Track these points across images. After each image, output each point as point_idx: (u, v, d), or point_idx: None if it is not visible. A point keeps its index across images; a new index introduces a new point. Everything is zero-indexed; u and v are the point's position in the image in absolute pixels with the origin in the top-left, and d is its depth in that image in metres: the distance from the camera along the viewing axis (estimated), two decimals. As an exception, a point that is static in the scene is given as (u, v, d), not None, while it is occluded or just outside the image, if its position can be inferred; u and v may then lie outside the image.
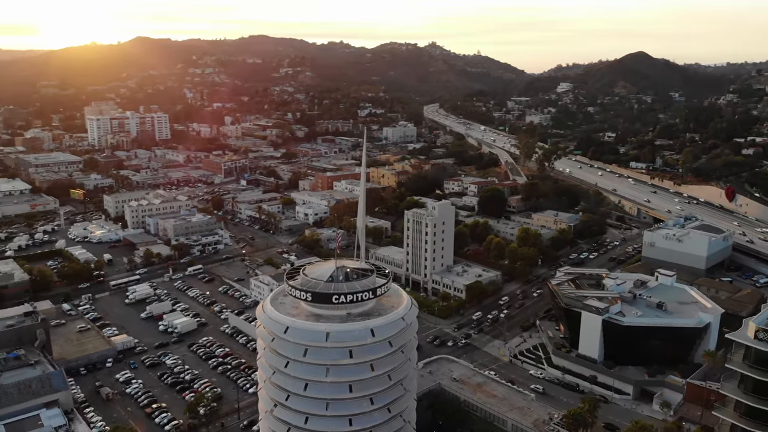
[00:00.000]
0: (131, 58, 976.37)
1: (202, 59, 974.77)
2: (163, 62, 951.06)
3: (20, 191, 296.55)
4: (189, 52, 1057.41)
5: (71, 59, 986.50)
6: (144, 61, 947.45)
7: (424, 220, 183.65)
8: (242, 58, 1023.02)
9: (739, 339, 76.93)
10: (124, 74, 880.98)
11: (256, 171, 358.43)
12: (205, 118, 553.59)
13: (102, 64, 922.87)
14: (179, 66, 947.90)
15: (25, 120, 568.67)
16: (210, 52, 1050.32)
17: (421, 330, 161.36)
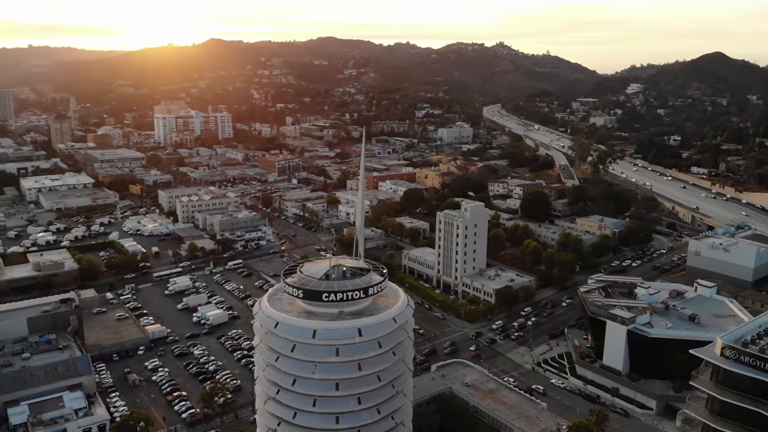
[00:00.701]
0: (204, 60, 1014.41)
1: (271, 61, 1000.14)
2: (233, 64, 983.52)
3: (84, 185, 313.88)
4: (259, 53, 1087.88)
5: (148, 60, 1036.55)
6: (216, 63, 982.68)
7: (455, 221, 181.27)
8: (309, 60, 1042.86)
9: (705, 356, 70.99)
10: (196, 75, 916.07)
11: (307, 170, 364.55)
12: (268, 118, 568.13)
13: (176, 65, 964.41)
14: (249, 67, 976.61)
15: (100, 118, 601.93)
16: (279, 54, 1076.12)
17: (446, 333, 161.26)
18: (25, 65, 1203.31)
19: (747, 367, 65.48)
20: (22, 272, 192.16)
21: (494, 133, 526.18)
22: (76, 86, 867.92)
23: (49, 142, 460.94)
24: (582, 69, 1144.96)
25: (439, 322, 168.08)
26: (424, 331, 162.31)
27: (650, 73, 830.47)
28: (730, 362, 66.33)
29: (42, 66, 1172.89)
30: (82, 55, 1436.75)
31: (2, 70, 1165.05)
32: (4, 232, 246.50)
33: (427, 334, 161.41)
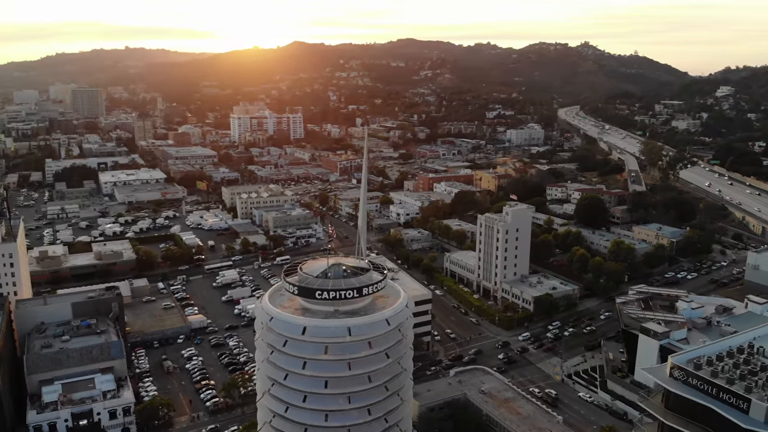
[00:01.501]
0: (287, 62, 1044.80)
1: (349, 63, 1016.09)
2: (313, 66, 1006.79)
3: (156, 180, 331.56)
4: (339, 56, 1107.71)
5: (234, 62, 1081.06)
6: (297, 65, 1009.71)
7: (496, 225, 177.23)
8: (386, 62, 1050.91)
9: (653, 376, 64.35)
10: (277, 77, 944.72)
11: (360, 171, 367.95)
12: (338, 119, 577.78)
13: (260, 67, 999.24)
14: (328, 70, 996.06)
15: (183, 116, 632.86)
16: (358, 56, 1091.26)
17: (478, 339, 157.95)
18: (122, 66, 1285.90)
19: (695, 391, 59.44)
20: (84, 260, 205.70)
21: (567, 136, 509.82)
22: (165, 86, 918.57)
23: (133, 138, 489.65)
24: (672, 70, 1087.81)
25: (473, 328, 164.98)
26: (455, 335, 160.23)
27: (744, 76, 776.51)
28: (678, 384, 60.39)
29: (137, 67, 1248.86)
30: (175, 56, 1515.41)
31: (101, 70, 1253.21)
32: (77, 222, 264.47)
33: (458, 338, 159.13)
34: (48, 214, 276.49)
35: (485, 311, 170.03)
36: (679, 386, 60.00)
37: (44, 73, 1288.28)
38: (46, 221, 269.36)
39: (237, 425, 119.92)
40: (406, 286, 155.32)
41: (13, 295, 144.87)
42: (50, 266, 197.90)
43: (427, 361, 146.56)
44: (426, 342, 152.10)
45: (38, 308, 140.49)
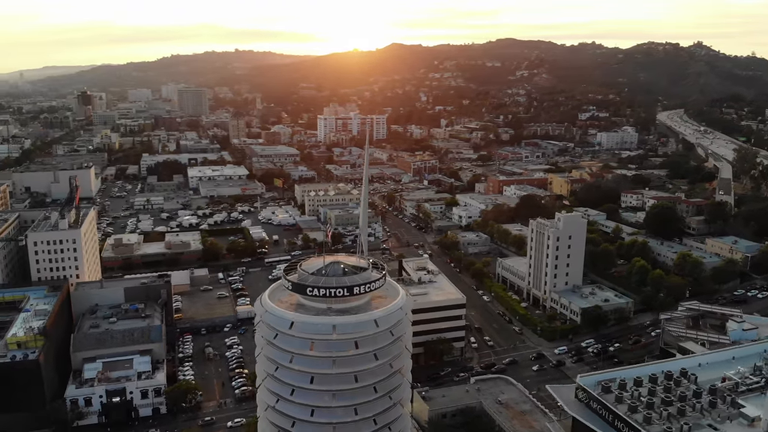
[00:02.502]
0: (384, 64, 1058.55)
1: (443, 64, 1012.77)
2: (409, 67, 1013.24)
3: (239, 176, 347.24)
4: (435, 57, 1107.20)
5: (333, 64, 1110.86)
6: (393, 67, 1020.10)
7: (547, 231, 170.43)
8: (482, 62, 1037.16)
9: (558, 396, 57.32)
10: (371, 79, 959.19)
11: (442, 171, 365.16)
12: (424, 120, 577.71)
13: (357, 69, 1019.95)
14: (422, 71, 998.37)
15: (278, 117, 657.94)
16: (453, 57, 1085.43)
17: (517, 348, 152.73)
18: (230, 67, 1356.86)
19: (593, 416, 53.37)
20: (155, 249, 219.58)
21: (663, 140, 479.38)
22: (266, 87, 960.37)
23: (228, 137, 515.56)
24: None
25: (514, 337, 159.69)
26: (494, 343, 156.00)
27: None
28: (581, 407, 54.38)
29: (243, 68, 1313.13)
30: (280, 59, 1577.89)
31: (210, 71, 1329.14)
32: (160, 213, 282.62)
33: (496, 346, 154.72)
34: (135, 204, 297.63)
35: (529, 320, 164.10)
36: (580, 409, 54.87)
37: (159, 73, 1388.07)
38: (133, 211, 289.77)
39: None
40: (442, 289, 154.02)
41: (75, 278, 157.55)
42: (123, 253, 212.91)
43: (458, 367, 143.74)
44: (459, 348, 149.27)
45: (94, 291, 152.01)
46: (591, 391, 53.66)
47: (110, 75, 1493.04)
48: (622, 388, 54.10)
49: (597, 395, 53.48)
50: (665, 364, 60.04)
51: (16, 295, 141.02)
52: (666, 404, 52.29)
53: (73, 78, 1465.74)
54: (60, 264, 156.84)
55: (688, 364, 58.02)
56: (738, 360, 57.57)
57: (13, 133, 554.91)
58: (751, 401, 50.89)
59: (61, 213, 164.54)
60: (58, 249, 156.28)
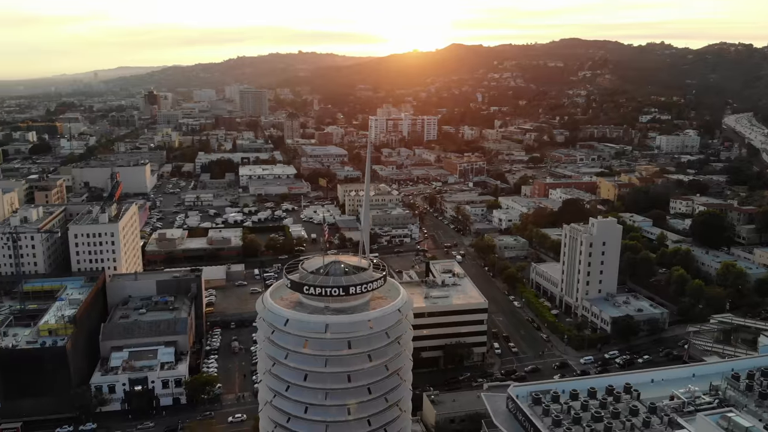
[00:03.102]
0: (443, 64, 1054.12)
1: (503, 64, 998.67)
2: (468, 68, 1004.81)
3: (287, 176, 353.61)
4: (495, 57, 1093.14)
5: (393, 65, 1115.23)
6: (452, 67, 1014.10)
7: (580, 237, 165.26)
8: (544, 62, 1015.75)
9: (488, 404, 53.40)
10: (428, 79, 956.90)
11: (487, 173, 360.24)
12: (477, 120, 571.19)
13: (416, 70, 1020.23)
14: (481, 71, 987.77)
15: (333, 118, 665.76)
16: (514, 57, 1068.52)
17: (543, 356, 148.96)
18: (292, 69, 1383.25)
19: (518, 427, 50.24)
20: (197, 244, 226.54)
21: (727, 145, 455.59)
22: (325, 89, 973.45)
23: (282, 137, 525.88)
24: None
25: (541, 344, 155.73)
26: (518, 349, 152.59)
27: None
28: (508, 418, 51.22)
29: (305, 70, 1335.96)
30: (342, 60, 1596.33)
31: (274, 72, 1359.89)
32: (209, 209, 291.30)
33: (520, 353, 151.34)
34: (185, 201, 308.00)
35: (558, 328, 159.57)
36: (506, 420, 52.25)
37: (225, 74, 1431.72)
38: (183, 207, 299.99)
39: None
40: (465, 293, 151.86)
41: (112, 270, 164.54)
42: (167, 247, 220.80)
43: (478, 372, 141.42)
44: (481, 353, 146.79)
45: (128, 283, 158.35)
46: (518, 402, 51.33)
47: (179, 75, 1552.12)
48: (555, 400, 51.36)
49: (523, 406, 51.15)
50: (611, 378, 56.66)
51: (54, 285, 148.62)
52: (595, 420, 49.25)
53: (144, 78, 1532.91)
54: (98, 256, 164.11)
55: (637, 380, 54.43)
56: (699, 378, 53.54)
57: (81, 130, 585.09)
58: (692, 422, 47.34)
59: (102, 207, 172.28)
60: (97, 241, 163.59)
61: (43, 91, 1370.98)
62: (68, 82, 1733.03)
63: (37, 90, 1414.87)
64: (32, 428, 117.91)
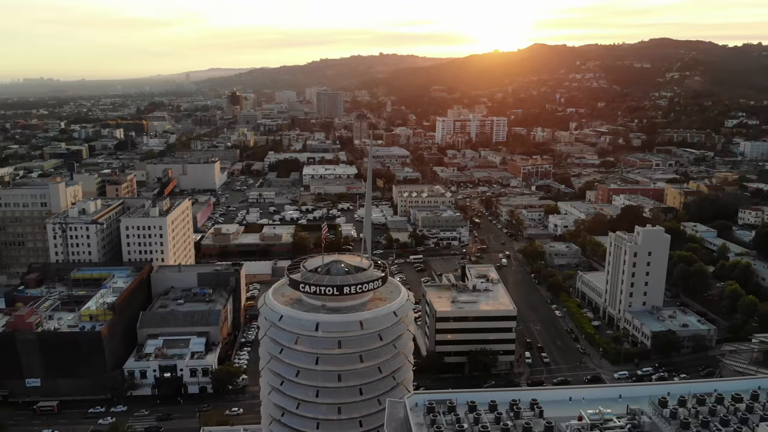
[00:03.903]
0: (523, 65, 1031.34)
1: (586, 65, 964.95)
2: (549, 68, 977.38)
3: (348, 175, 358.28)
4: (579, 57, 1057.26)
5: (471, 66, 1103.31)
6: (533, 67, 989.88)
7: (624, 246, 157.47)
8: (630, 63, 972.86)
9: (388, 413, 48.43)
10: (506, 80, 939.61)
11: (553, 177, 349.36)
12: (550, 122, 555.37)
13: (495, 70, 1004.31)
14: (562, 71, 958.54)
15: (404, 119, 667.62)
16: (598, 58, 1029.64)
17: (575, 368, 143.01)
18: (372, 71, 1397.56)
19: None
20: (250, 239, 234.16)
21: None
22: (402, 90, 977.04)
23: (351, 137, 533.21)
24: None
25: (576, 356, 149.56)
26: (550, 360, 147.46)
27: None
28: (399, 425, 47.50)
29: (384, 72, 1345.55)
30: (422, 62, 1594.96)
31: (353, 75, 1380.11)
32: (269, 206, 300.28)
33: (552, 363, 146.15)
34: (249, 198, 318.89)
35: (595, 340, 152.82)
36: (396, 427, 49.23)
37: (308, 76, 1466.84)
38: (247, 204, 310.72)
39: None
40: (495, 299, 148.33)
41: (160, 261, 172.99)
42: (221, 242, 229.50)
43: (503, 381, 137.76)
44: (509, 362, 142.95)
45: (171, 274, 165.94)
46: (407, 410, 49.09)
47: (264, 77, 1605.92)
48: (451, 410, 48.67)
49: (410, 414, 48.86)
50: (518, 393, 52.80)
51: (103, 273, 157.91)
52: None
53: (232, 79, 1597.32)
54: (147, 247, 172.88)
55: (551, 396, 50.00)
56: (625, 399, 48.66)
57: (165, 128, 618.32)
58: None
59: (153, 201, 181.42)
60: (146, 234, 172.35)
61: (138, 90, 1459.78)
62: (162, 83, 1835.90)
63: (132, 89, 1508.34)
64: (68, 407, 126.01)
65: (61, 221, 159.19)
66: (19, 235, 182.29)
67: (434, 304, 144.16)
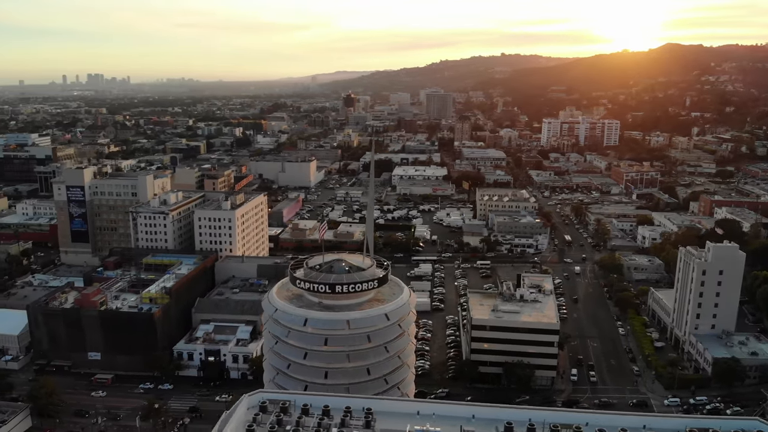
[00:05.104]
0: (652, 65, 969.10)
1: (721, 66, 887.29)
2: (681, 69, 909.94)
3: (436, 177, 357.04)
4: (714, 58, 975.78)
5: (595, 66, 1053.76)
6: (662, 68, 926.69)
7: (692, 263, 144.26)
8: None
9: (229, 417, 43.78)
10: (631, 81, 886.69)
11: (660, 185, 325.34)
12: (671, 127, 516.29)
13: (620, 70, 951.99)
14: (695, 73, 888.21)
15: (513, 120, 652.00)
16: (737, 59, 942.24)
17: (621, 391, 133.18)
18: (490, 71, 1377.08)
19: None
20: (325, 235, 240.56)
21: None
22: (518, 91, 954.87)
23: (453, 139, 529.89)
24: None
25: (628, 378, 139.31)
26: (597, 379, 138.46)
27: None
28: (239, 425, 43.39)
29: (503, 72, 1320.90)
30: (545, 62, 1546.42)
31: (471, 75, 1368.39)
32: (354, 205, 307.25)
33: (599, 383, 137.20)
34: (337, 196, 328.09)
35: (653, 363, 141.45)
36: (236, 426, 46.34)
37: (426, 77, 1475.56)
38: (334, 202, 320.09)
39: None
40: (540, 311, 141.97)
41: (228, 252, 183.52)
42: (297, 236, 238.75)
43: (539, 396, 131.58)
44: (550, 377, 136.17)
45: (234, 264, 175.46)
46: (244, 409, 47.05)
47: (384, 80, 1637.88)
48: (283, 411, 45.98)
49: (238, 411, 46.86)
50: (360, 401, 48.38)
51: (172, 260, 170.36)
52: None
53: (354, 82, 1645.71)
54: (216, 238, 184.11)
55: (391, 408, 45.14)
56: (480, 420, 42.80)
57: (282, 128, 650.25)
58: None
59: (225, 196, 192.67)
60: (216, 225, 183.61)
61: (267, 91, 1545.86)
62: (290, 85, 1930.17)
63: (263, 91, 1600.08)
64: (122, 380, 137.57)
65: (133, 210, 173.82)
66: (112, 222, 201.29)
67: (472, 311, 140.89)
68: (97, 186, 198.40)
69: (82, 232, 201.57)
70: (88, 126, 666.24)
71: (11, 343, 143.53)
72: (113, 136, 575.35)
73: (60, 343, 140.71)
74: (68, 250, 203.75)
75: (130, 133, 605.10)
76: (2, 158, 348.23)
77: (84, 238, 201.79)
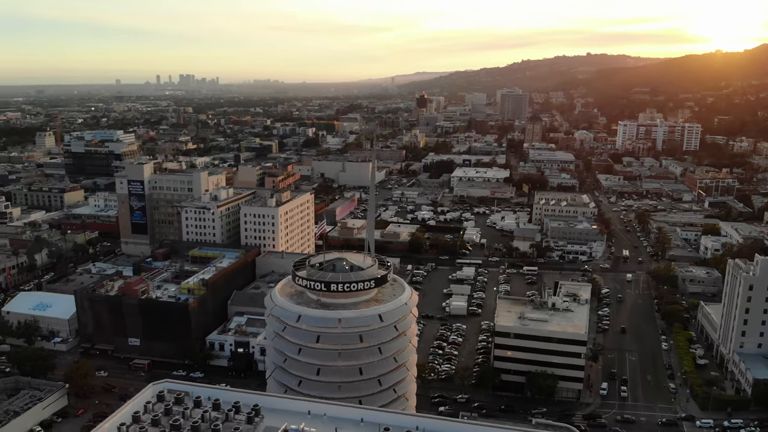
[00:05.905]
0: (748, 66, 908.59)
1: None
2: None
3: (496, 179, 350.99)
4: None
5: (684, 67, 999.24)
6: (758, 70, 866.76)
7: (740, 276, 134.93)
8: None
9: None
10: (722, 83, 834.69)
11: (738, 193, 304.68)
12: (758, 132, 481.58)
13: (711, 72, 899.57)
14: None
15: (590, 122, 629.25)
16: None
17: (650, 408, 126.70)
18: (573, 71, 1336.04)
19: None
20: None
21: None
22: (601, 92, 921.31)
23: (522, 140, 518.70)
24: None
25: (663, 395, 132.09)
26: (628, 395, 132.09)
27: None
28: None
29: (587, 73, 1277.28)
30: (633, 62, 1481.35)
31: (553, 76, 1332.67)
32: (408, 205, 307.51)
33: (630, 399, 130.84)
34: (393, 197, 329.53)
35: (690, 380, 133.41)
36: None
37: (506, 78, 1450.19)
38: (391, 202, 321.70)
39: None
40: (570, 320, 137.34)
41: (271, 247, 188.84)
42: (345, 235, 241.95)
43: (560, 407, 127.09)
44: (577, 390, 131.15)
45: (274, 259, 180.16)
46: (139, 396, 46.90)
47: (462, 80, 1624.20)
48: (178, 402, 45.58)
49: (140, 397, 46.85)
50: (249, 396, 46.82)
51: (216, 253, 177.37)
52: (173, 428, 42.05)
53: (432, 83, 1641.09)
54: (261, 234, 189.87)
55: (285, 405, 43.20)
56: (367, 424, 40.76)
57: (353, 129, 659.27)
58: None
59: (271, 193, 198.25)
60: (260, 221, 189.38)
61: (347, 93, 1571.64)
62: (370, 86, 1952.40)
63: (342, 92, 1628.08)
64: (157, 367, 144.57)
65: (178, 205, 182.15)
66: (169, 215, 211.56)
67: (497, 317, 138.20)
68: (156, 181, 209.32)
69: (142, 224, 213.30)
70: (171, 124, 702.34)
71: (62, 326, 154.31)
72: (194, 134, 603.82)
73: (104, 328, 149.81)
74: (128, 241, 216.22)
75: (210, 132, 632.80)
76: (84, 153, 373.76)
77: (143, 230, 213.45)
